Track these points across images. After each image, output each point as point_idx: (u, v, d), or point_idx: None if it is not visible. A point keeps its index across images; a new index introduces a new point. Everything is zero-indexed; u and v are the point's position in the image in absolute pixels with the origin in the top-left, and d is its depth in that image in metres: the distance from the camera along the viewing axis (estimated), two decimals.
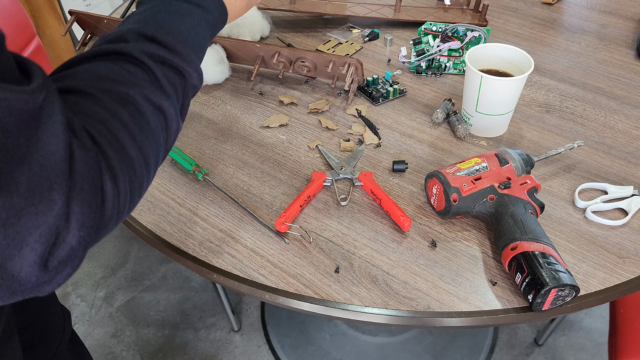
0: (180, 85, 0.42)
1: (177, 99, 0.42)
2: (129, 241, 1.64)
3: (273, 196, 0.70)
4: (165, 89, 0.40)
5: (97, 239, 0.34)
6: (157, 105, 0.39)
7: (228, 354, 1.35)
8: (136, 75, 0.38)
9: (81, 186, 0.31)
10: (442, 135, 0.79)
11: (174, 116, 0.41)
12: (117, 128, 0.35)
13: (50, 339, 0.76)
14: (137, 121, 0.37)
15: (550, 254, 0.55)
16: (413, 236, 0.64)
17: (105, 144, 0.34)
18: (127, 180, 0.35)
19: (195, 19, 0.44)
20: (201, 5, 0.45)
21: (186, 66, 0.42)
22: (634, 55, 0.96)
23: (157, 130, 0.38)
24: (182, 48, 0.42)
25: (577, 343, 1.34)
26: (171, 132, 0.41)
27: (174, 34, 0.42)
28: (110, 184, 0.33)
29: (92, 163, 0.32)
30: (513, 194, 0.62)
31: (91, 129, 0.33)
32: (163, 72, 0.40)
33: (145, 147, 0.37)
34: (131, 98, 0.37)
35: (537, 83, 0.90)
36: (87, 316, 1.45)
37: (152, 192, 0.71)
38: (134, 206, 0.37)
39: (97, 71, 0.37)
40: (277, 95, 0.88)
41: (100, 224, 0.33)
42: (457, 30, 0.88)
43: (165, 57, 0.40)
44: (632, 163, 0.74)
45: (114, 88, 0.36)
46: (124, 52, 0.39)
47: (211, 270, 0.61)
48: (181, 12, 0.43)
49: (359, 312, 0.57)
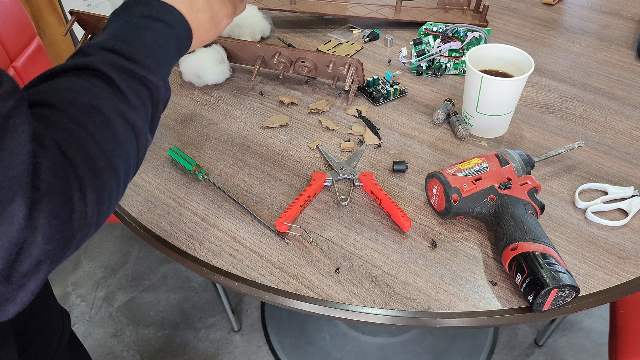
0: (146, 96, 0.42)
1: (145, 110, 0.41)
2: (129, 241, 1.64)
3: (273, 196, 0.70)
4: (130, 99, 0.39)
5: (64, 253, 0.33)
6: (124, 116, 0.38)
7: (228, 354, 1.35)
8: (100, 87, 0.38)
9: (49, 197, 0.30)
10: (443, 136, 0.79)
11: (142, 128, 0.40)
12: (83, 138, 0.34)
13: (49, 341, 0.76)
14: (104, 132, 0.36)
15: (551, 254, 0.55)
16: (413, 236, 0.64)
17: (73, 154, 0.33)
18: (96, 191, 0.34)
19: (157, 32, 0.44)
20: (162, 19, 0.45)
21: (149, 76, 0.42)
22: (635, 56, 0.96)
23: (126, 141, 0.38)
24: (144, 58, 0.42)
25: (577, 344, 1.34)
26: (141, 144, 0.41)
27: (135, 45, 0.42)
28: (79, 195, 0.32)
29: (59, 173, 0.31)
30: (513, 195, 0.62)
31: (59, 140, 0.33)
32: (127, 83, 0.40)
33: (114, 157, 0.36)
34: (96, 109, 0.37)
35: (538, 83, 0.90)
36: (87, 316, 1.45)
37: (153, 192, 0.71)
38: (103, 219, 0.36)
39: (63, 85, 0.37)
40: (277, 95, 0.88)
41: (68, 237, 0.32)
42: (458, 30, 0.88)
43: (127, 67, 0.40)
44: (632, 164, 0.74)
45: (79, 100, 0.36)
46: (86, 65, 0.39)
47: (211, 270, 0.61)
48: (143, 26, 0.44)
49: (359, 312, 0.57)
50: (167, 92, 0.45)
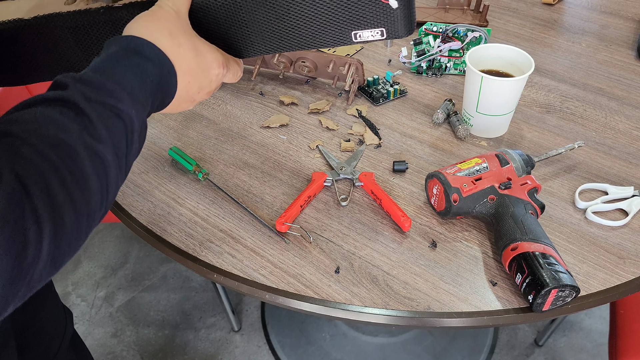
0: (119, 127, 0.40)
1: (116, 143, 0.39)
2: (129, 241, 1.64)
3: (273, 196, 0.70)
4: (100, 132, 0.38)
5: (14, 294, 0.31)
6: (91, 148, 0.37)
7: (228, 354, 1.35)
8: (70, 118, 0.37)
9: (1, 229, 0.29)
10: (443, 136, 0.79)
11: (112, 161, 0.38)
12: (45, 170, 0.33)
13: (51, 340, 0.76)
14: (68, 164, 0.35)
15: (551, 254, 0.55)
16: (413, 236, 0.64)
17: (32, 186, 0.32)
18: (53, 226, 0.32)
19: (131, 63, 0.43)
20: (139, 52, 0.44)
21: (119, 104, 0.40)
22: (635, 56, 0.96)
23: (92, 175, 0.36)
24: (113, 86, 0.40)
25: (578, 344, 1.34)
26: (111, 179, 0.39)
27: (106, 75, 0.41)
28: (34, 228, 0.31)
29: (14, 205, 0.30)
30: (513, 195, 0.62)
31: (18, 170, 0.32)
32: (98, 113, 0.38)
33: (77, 192, 0.35)
34: (62, 141, 0.35)
35: (538, 84, 0.90)
36: (87, 316, 1.45)
37: (153, 192, 0.71)
38: (61, 258, 0.34)
39: (31, 116, 0.36)
40: (277, 95, 0.88)
41: (19, 274, 0.30)
42: (458, 30, 0.88)
43: (95, 96, 0.39)
44: (632, 164, 0.74)
45: (44, 132, 0.35)
46: (57, 97, 0.38)
47: (211, 270, 0.61)
48: (117, 57, 0.43)
49: (359, 312, 0.57)
50: (142, 124, 0.43)
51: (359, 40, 0.52)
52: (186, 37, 0.48)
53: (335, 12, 0.50)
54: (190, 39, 0.49)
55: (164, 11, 0.47)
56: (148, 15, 0.47)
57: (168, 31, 0.46)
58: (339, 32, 0.52)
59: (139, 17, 0.47)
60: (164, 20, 0.47)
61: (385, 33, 0.51)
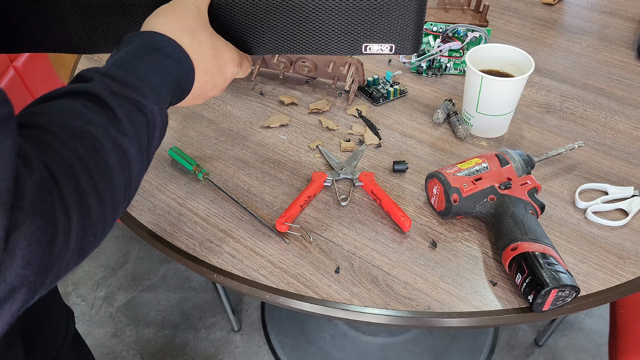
0: (142, 122, 0.41)
1: (139, 138, 0.40)
2: (129, 241, 1.64)
3: (273, 196, 0.70)
4: (124, 125, 0.38)
5: (43, 281, 0.31)
6: (116, 141, 0.37)
7: (228, 354, 1.35)
8: (94, 111, 0.38)
9: (32, 219, 0.29)
10: (443, 136, 0.79)
11: (135, 155, 0.39)
12: (72, 161, 0.33)
13: (54, 339, 0.76)
14: (94, 156, 0.35)
15: (551, 254, 0.55)
16: (413, 236, 0.64)
17: (60, 176, 0.32)
18: (81, 215, 0.33)
19: (154, 60, 0.44)
20: (161, 49, 0.45)
21: (143, 100, 0.41)
22: (635, 56, 0.96)
23: (116, 168, 0.37)
24: (137, 82, 0.41)
25: (578, 344, 1.34)
26: (133, 173, 0.39)
27: (130, 71, 0.42)
28: (63, 218, 0.31)
29: (44, 194, 0.30)
30: (513, 195, 0.62)
31: (47, 160, 0.32)
32: (122, 107, 0.39)
33: (102, 183, 0.35)
34: (88, 133, 0.36)
35: (538, 84, 0.90)
36: (87, 316, 1.45)
37: (153, 192, 0.71)
38: (86, 249, 0.35)
39: (57, 108, 0.37)
40: (277, 95, 0.88)
41: (48, 263, 0.30)
42: (458, 30, 0.88)
43: (120, 91, 0.40)
44: (632, 164, 0.74)
45: (70, 123, 0.35)
46: (83, 90, 0.39)
47: (211, 270, 0.61)
48: (140, 54, 0.44)
49: (359, 312, 0.57)
50: (163, 119, 0.44)
51: (368, 52, 0.54)
52: (206, 36, 0.49)
53: (354, 23, 0.52)
54: (210, 38, 0.49)
55: (185, 8, 0.48)
56: (169, 11, 0.47)
57: (189, 29, 0.47)
58: (351, 42, 0.54)
59: (160, 12, 0.47)
60: (185, 18, 0.47)
61: (394, 49, 0.54)
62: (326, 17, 0.52)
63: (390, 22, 0.52)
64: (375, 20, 0.52)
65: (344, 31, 0.53)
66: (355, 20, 0.52)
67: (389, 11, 0.51)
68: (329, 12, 0.51)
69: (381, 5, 0.51)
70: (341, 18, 0.52)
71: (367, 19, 0.52)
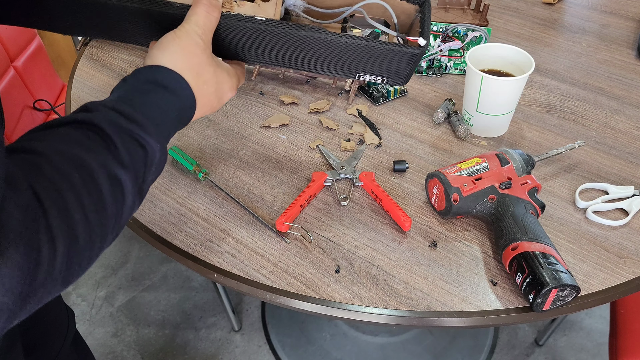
0: (141, 157, 0.41)
1: (136, 171, 0.40)
2: (129, 241, 1.64)
3: (274, 196, 0.70)
4: (123, 158, 0.38)
5: (22, 308, 0.30)
6: (112, 172, 0.37)
7: (228, 353, 1.35)
8: (94, 141, 0.38)
9: (15, 246, 0.28)
10: (443, 135, 0.79)
11: (131, 189, 0.39)
12: (64, 189, 0.33)
13: (54, 339, 0.76)
14: (87, 184, 0.35)
15: (551, 254, 0.55)
16: (413, 236, 0.64)
17: (49, 202, 0.32)
18: (67, 245, 0.32)
19: (159, 97, 0.44)
20: (167, 86, 0.45)
21: (146, 136, 0.41)
22: (635, 56, 0.96)
23: (109, 199, 0.37)
24: (141, 119, 0.41)
25: (578, 343, 1.34)
26: (126, 206, 0.39)
27: (135, 107, 0.42)
28: (48, 245, 0.30)
29: (29, 221, 0.30)
30: (514, 194, 0.62)
31: (37, 186, 0.32)
32: (122, 140, 0.39)
33: (92, 213, 0.35)
34: (85, 162, 0.35)
35: (538, 83, 0.90)
36: (88, 316, 1.45)
37: (153, 192, 0.71)
38: (71, 277, 0.34)
39: (57, 136, 0.37)
40: (277, 95, 0.88)
41: (30, 291, 0.30)
42: (458, 30, 0.88)
43: (124, 125, 0.40)
44: (632, 163, 0.74)
45: (67, 151, 0.35)
46: (86, 120, 0.39)
47: (212, 270, 0.61)
48: (146, 90, 0.44)
49: (360, 312, 0.57)
50: (163, 156, 0.44)
51: (360, 79, 0.59)
52: (210, 72, 0.49)
53: (355, 63, 0.55)
54: (213, 74, 0.50)
55: (192, 41, 0.47)
56: (177, 45, 0.47)
57: (195, 69, 0.47)
58: (348, 72, 0.57)
59: (169, 46, 0.47)
60: (192, 55, 0.47)
61: (386, 81, 0.59)
62: (328, 55, 0.54)
63: (388, 67, 0.56)
64: (375, 65, 0.55)
65: (344, 67, 0.56)
66: (357, 62, 0.55)
67: (390, 63, 0.55)
68: (333, 54, 0.54)
69: (385, 63, 0.55)
70: (344, 59, 0.54)
71: (368, 63, 0.55)
